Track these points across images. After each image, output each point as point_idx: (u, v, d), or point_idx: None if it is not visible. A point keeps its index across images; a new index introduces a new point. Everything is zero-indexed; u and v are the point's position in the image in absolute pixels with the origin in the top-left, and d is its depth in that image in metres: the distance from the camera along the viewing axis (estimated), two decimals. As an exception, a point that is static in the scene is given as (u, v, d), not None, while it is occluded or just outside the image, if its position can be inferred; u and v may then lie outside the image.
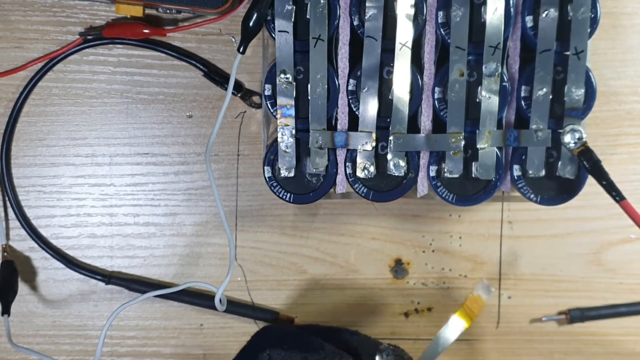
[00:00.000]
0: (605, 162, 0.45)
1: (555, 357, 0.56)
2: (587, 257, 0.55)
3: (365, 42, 0.46)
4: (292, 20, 0.46)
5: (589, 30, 0.45)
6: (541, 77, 0.46)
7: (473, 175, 0.47)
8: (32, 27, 0.52)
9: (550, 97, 0.46)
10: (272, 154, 0.48)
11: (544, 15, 0.45)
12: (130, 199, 0.54)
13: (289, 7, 0.45)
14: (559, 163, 0.47)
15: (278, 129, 0.47)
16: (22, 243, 0.54)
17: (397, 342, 0.55)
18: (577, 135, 0.45)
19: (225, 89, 0.52)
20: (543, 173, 0.47)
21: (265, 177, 0.48)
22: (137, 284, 0.54)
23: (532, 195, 0.48)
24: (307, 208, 0.54)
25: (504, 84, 0.46)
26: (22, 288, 0.54)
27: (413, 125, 0.47)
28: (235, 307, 0.54)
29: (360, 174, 0.47)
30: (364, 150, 0.47)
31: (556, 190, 0.48)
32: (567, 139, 0.45)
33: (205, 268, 0.55)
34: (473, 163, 0.47)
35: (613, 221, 0.54)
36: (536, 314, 0.55)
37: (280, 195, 0.48)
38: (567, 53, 0.46)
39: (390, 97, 0.46)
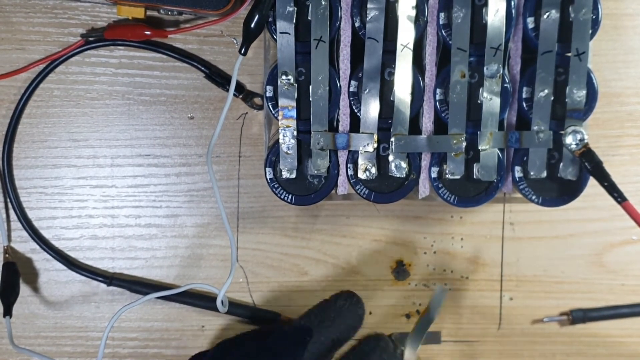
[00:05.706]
0: (607, 163, 0.45)
1: (557, 358, 0.56)
2: (588, 258, 0.55)
3: (366, 44, 0.46)
4: (294, 21, 0.46)
5: (590, 31, 0.45)
6: (542, 78, 0.46)
7: (474, 177, 0.47)
8: (33, 28, 0.52)
9: (552, 98, 0.46)
10: (273, 155, 0.48)
11: (545, 16, 0.45)
12: (132, 201, 0.54)
13: (291, 9, 0.45)
14: (561, 164, 0.47)
15: (279, 131, 0.47)
16: (24, 244, 0.54)
17: (399, 344, 0.55)
18: (578, 137, 0.45)
19: (227, 91, 0.52)
20: (544, 174, 0.47)
21: (266, 179, 0.48)
22: (139, 286, 0.54)
23: (533, 197, 0.47)
24: (308, 209, 0.54)
25: (506, 85, 0.46)
26: (24, 289, 0.54)
27: (414, 127, 0.47)
28: (237, 309, 0.54)
29: (361, 175, 0.47)
30: (365, 151, 0.47)
31: (558, 191, 0.48)
32: (569, 140, 0.45)
33: (206, 269, 0.55)
34: (474, 164, 0.47)
35: (615, 222, 0.54)
36: (538, 315, 0.55)
37: (282, 197, 0.48)
38: (569, 54, 0.46)
39: (391, 99, 0.46)
